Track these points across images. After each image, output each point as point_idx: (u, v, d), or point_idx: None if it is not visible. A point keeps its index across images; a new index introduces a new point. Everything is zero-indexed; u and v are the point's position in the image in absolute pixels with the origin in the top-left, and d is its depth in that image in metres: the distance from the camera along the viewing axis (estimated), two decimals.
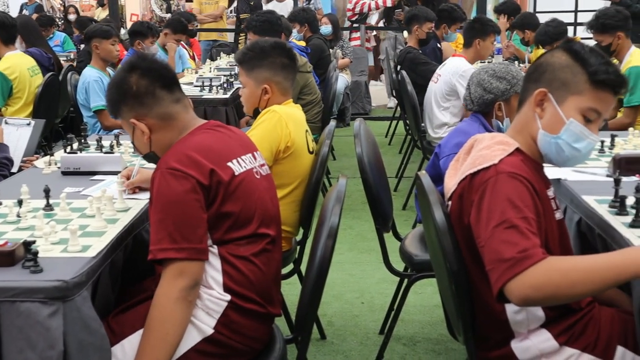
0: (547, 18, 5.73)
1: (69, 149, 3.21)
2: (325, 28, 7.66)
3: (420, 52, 5.90)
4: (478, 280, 1.88)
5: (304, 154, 2.91)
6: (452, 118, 4.69)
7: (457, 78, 4.59)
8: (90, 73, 4.65)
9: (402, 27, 8.09)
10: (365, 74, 9.12)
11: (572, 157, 1.88)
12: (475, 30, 4.75)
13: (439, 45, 6.25)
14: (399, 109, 6.75)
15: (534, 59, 2.29)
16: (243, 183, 2.03)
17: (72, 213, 2.30)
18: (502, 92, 2.93)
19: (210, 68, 6.56)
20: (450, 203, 1.94)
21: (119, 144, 3.35)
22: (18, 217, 2.23)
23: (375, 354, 3.00)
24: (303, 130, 2.94)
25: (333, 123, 3.25)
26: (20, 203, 2.30)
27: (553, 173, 2.47)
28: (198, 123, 2.13)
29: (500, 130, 2.86)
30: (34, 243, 1.88)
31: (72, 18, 10.07)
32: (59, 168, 2.89)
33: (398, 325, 3.14)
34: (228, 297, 1.98)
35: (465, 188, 1.86)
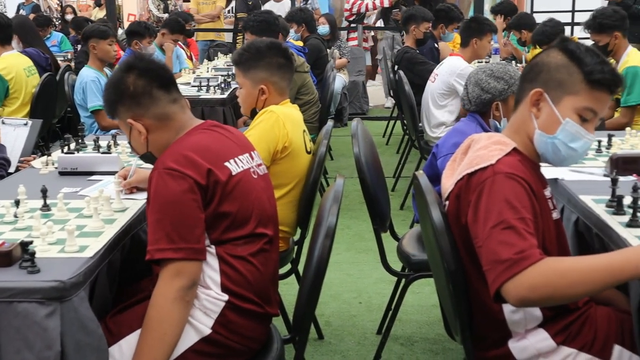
0: (544, 18, 5.74)
1: (67, 149, 3.21)
2: (323, 28, 7.67)
3: (418, 52, 5.90)
4: (475, 280, 1.88)
5: (302, 154, 2.91)
6: (449, 117, 4.70)
7: (455, 77, 4.59)
8: (88, 73, 4.64)
9: (399, 27, 8.09)
10: (363, 74, 9.13)
11: (568, 156, 1.88)
12: (472, 30, 4.75)
13: (437, 45, 6.25)
14: (397, 109, 6.75)
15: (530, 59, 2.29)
16: (240, 183, 2.03)
17: (69, 213, 2.30)
18: (499, 92, 2.93)
19: (208, 68, 6.55)
20: (448, 203, 1.94)
21: (117, 144, 3.35)
22: (15, 217, 2.23)
23: (373, 354, 3.00)
24: (300, 130, 2.94)
25: (330, 123, 3.25)
26: (18, 203, 2.30)
27: (550, 173, 2.47)
28: (195, 123, 2.13)
29: (498, 130, 2.86)
30: (31, 243, 1.88)
31: (69, 18, 10.07)
32: (57, 168, 2.89)
33: (396, 325, 3.14)
34: (226, 297, 1.98)
35: (463, 188, 1.86)
